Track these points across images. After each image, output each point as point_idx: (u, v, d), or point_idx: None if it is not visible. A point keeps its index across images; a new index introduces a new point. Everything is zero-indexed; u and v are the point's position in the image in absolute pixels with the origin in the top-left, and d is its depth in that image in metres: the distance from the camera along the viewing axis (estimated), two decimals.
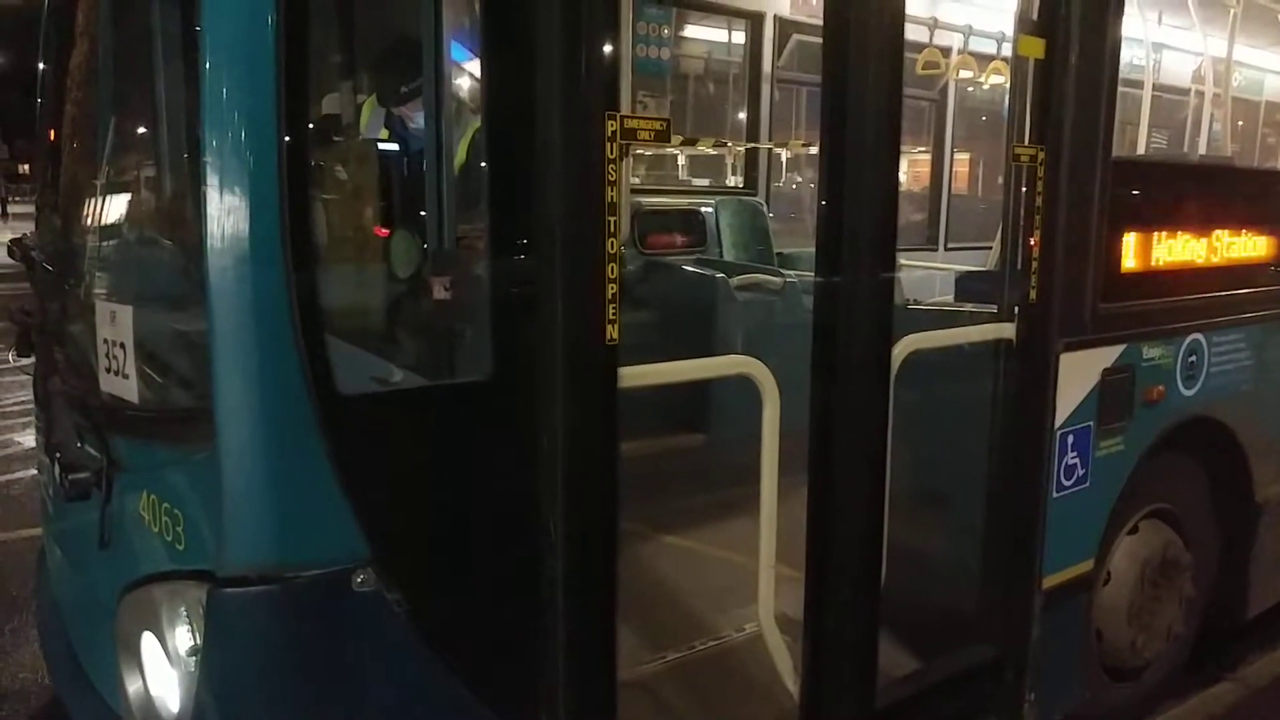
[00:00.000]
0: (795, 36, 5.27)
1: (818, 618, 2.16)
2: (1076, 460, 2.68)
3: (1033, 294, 2.48)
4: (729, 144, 5.51)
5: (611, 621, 1.79)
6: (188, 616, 1.65)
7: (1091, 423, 2.70)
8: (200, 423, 1.53)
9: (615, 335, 1.68)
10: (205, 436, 1.52)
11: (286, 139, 1.45)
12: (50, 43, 2.63)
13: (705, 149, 5.54)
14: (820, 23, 2.07)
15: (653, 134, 1.74)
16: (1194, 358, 2.95)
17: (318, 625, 1.61)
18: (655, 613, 2.93)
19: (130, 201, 2.21)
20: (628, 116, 1.67)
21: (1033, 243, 2.47)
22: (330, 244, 1.82)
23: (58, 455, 2.09)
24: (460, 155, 1.93)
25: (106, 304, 1.91)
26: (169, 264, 1.92)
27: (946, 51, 5.57)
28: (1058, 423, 2.60)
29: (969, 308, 2.87)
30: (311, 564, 1.57)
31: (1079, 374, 2.63)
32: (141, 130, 2.27)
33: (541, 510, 1.70)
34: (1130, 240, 2.75)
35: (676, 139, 4.91)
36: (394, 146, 2.43)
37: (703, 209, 5.08)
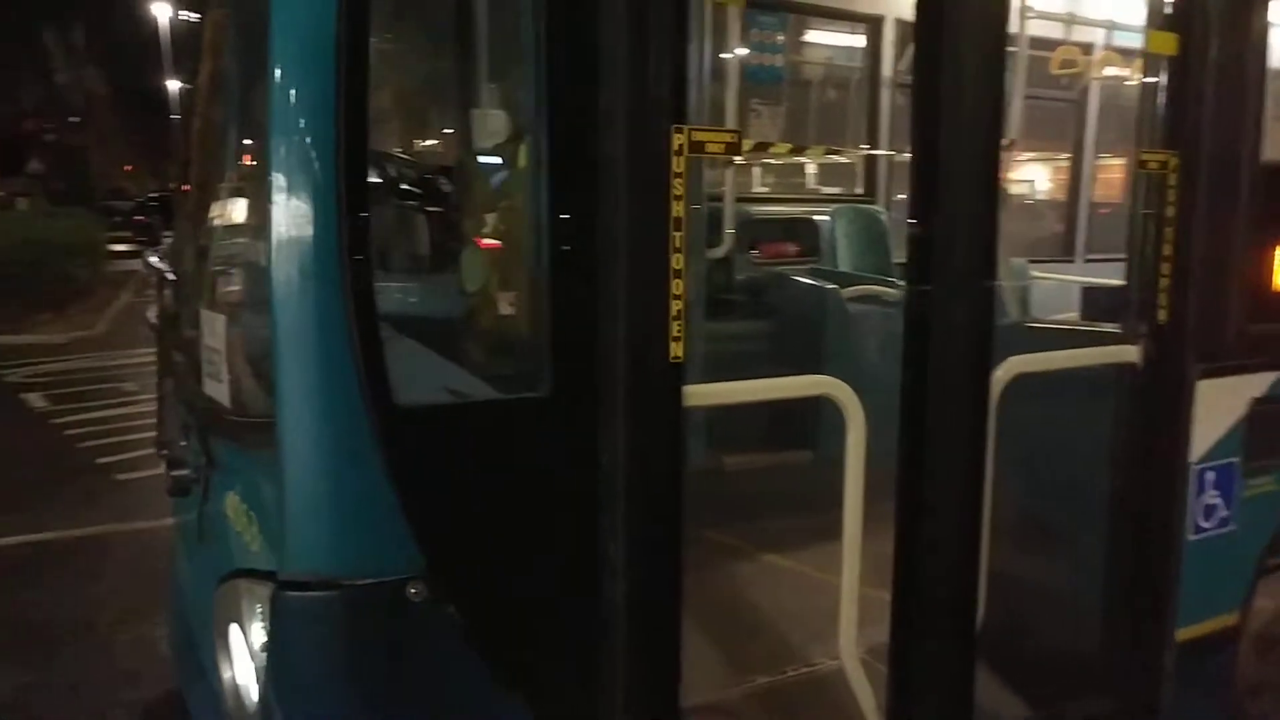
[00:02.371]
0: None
1: (902, 655, 2.03)
2: (1218, 500, 2.42)
3: (1163, 314, 2.27)
4: (833, 151, 5.34)
5: (674, 646, 1.73)
6: (261, 613, 1.70)
7: (1236, 459, 2.43)
8: (268, 430, 1.57)
9: (680, 353, 1.63)
10: (272, 444, 1.56)
11: (346, 154, 1.47)
12: (182, 65, 2.80)
13: (813, 157, 5.39)
14: None
15: (724, 146, 1.68)
16: None
17: (371, 632, 1.63)
18: (748, 635, 2.85)
19: (225, 214, 2.32)
20: (696, 129, 1.62)
21: (1163, 257, 2.26)
22: (392, 258, 1.85)
23: (164, 452, 2.21)
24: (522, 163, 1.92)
25: (208, 311, 2.00)
26: (251, 274, 1.99)
27: (1087, 49, 5.23)
28: (1194, 457, 2.36)
29: (1099, 326, 2.65)
30: (366, 573, 1.60)
31: (1221, 404, 2.38)
32: (231, 146, 2.39)
33: (601, 530, 1.67)
34: None
35: (785, 147, 4.78)
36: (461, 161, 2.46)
37: (816, 218, 4.95)
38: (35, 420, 8.40)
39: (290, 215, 1.49)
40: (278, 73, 1.48)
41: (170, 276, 2.70)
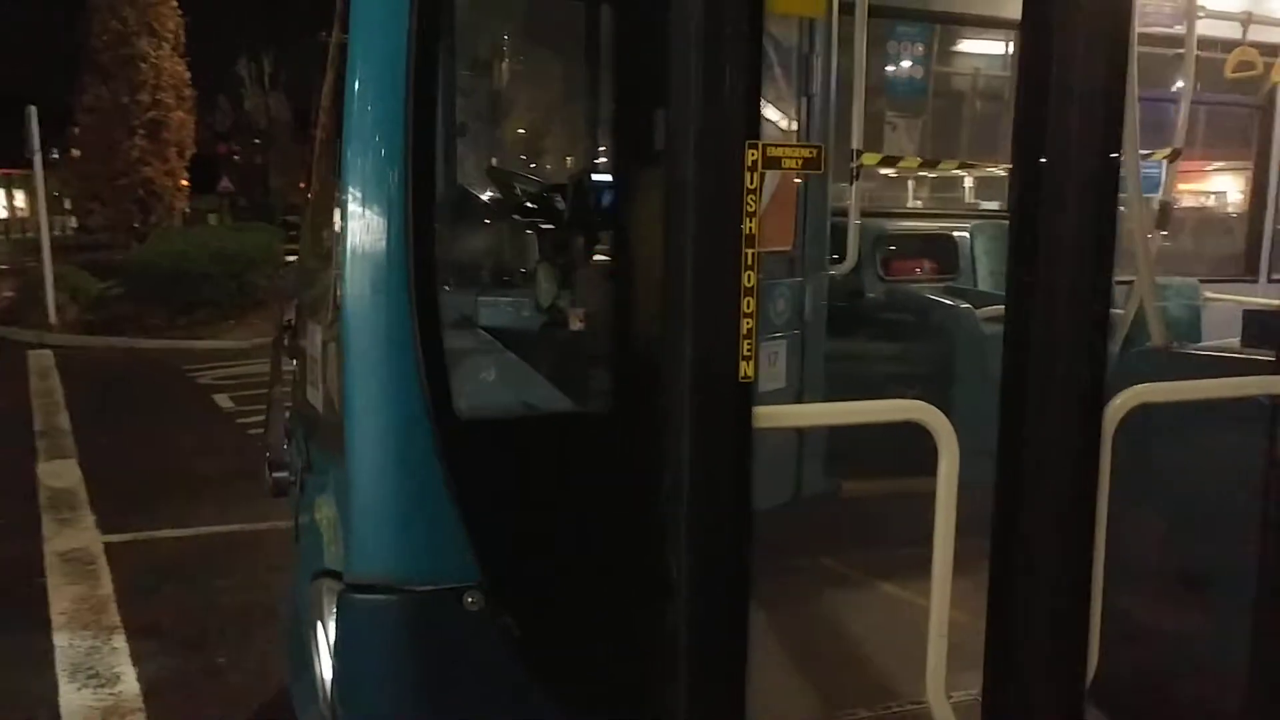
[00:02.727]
0: None
1: (993, 705, 1.87)
2: None
3: None
4: (967, 165, 5.08)
5: (738, 674, 1.66)
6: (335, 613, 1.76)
7: None
8: (340, 438, 1.63)
9: (750, 373, 1.57)
10: (342, 451, 1.62)
11: (414, 170, 1.51)
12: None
13: (943, 171, 5.15)
14: None
15: (799, 162, 1.62)
16: None
17: (429, 637, 1.66)
18: (844, 666, 2.72)
19: (322, 228, 2.44)
20: (771, 145, 1.57)
21: None
22: (462, 272, 1.87)
23: (268, 454, 2.34)
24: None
25: (310, 320, 2.10)
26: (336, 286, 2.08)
27: (1274, 50, 4.77)
28: None
29: (1258, 354, 2.38)
30: (424, 579, 1.63)
31: None
32: (329, 163, 2.51)
33: (665, 552, 1.62)
34: None
35: (914, 162, 4.59)
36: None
37: (956, 234, 4.73)
38: (223, 419, 9.07)
39: (359, 228, 1.54)
40: (351, 90, 1.54)
41: (288, 287, 2.86)
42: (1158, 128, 3.98)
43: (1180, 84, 3.85)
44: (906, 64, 4.80)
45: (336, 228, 1.59)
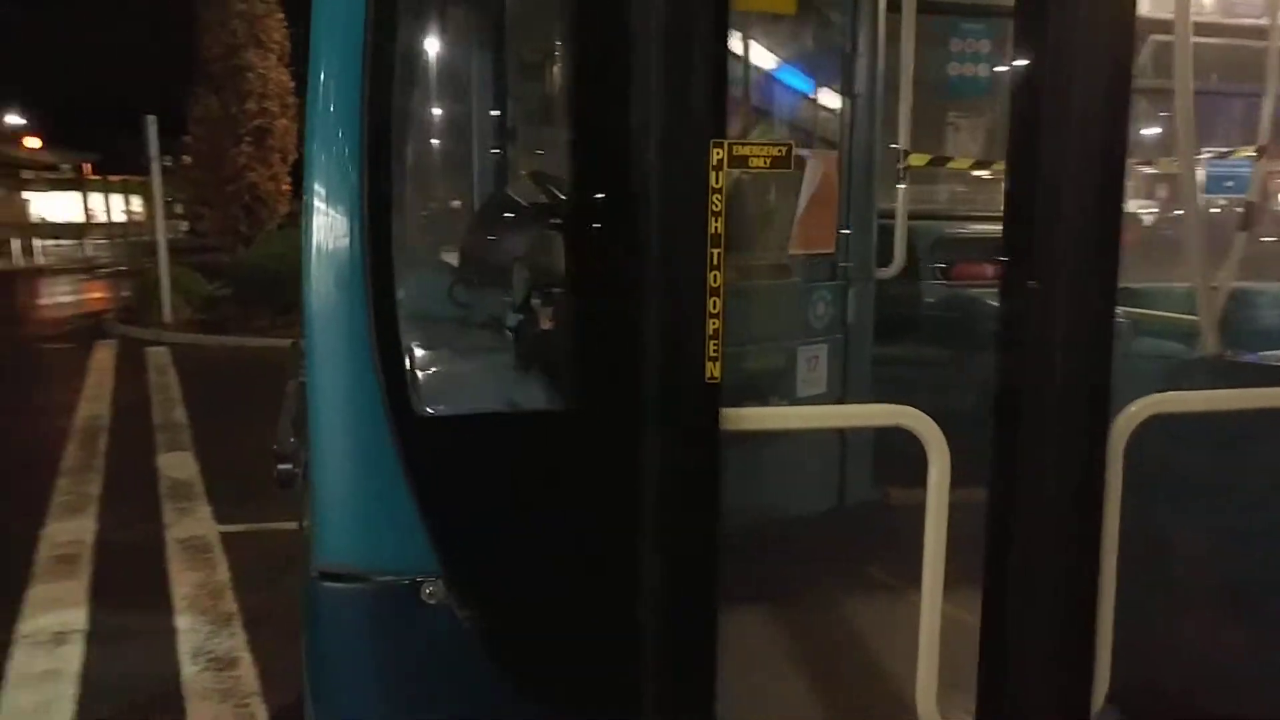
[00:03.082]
0: (1153, 38, 4.55)
1: None
2: None
3: None
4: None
5: (707, 675, 1.67)
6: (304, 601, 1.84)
7: None
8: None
9: (717, 374, 1.58)
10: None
11: (370, 168, 1.57)
12: None
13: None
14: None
15: (768, 161, 1.62)
16: None
17: (390, 627, 1.70)
18: (856, 677, 2.70)
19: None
20: (737, 143, 1.58)
21: None
22: (422, 270, 1.91)
23: (275, 446, 2.40)
24: None
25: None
26: None
27: None
28: None
29: None
30: (385, 569, 1.67)
31: None
32: None
33: (631, 553, 1.65)
34: None
35: (966, 162, 4.48)
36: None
37: None
38: None
39: (319, 225, 1.60)
40: (311, 87, 1.60)
41: None
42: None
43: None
44: (970, 62, 4.68)
45: (303, 224, 1.64)
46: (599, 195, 1.61)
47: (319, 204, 1.58)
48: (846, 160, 3.57)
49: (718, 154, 1.55)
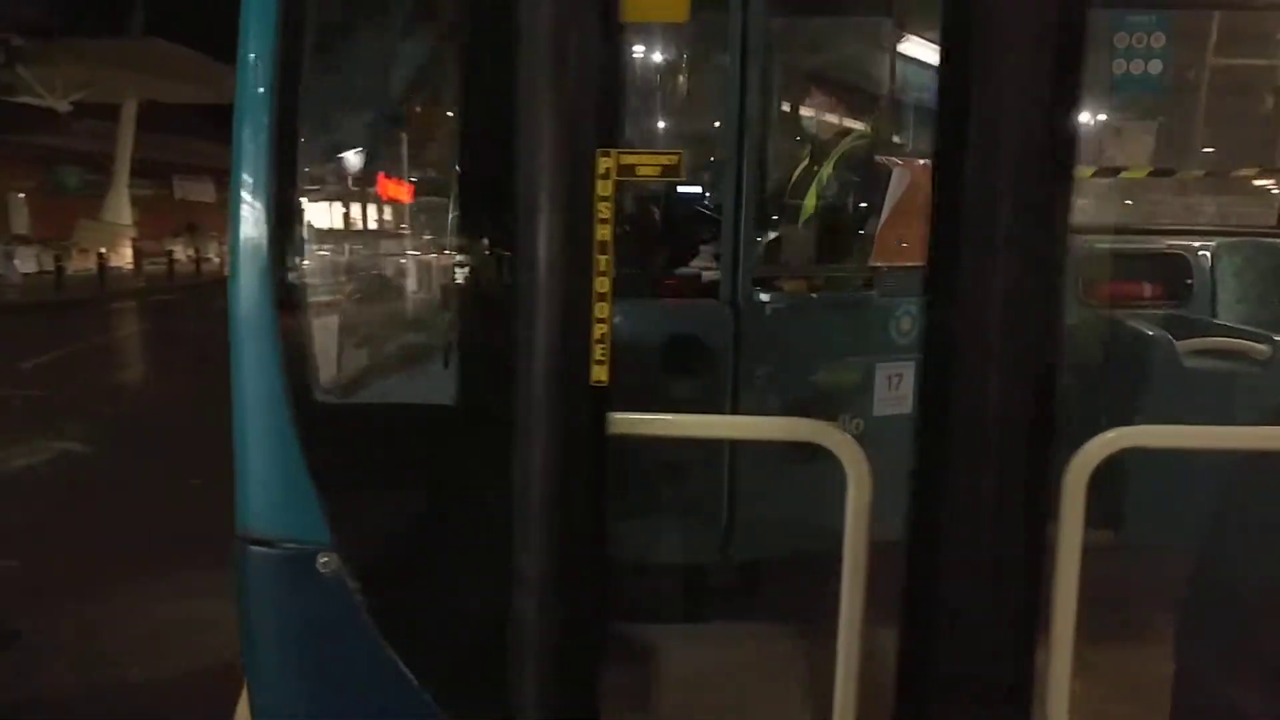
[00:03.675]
0: None
1: None
2: None
3: None
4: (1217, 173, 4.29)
5: (589, 670, 1.61)
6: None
7: None
8: None
9: (603, 377, 1.54)
10: None
11: (278, 166, 1.71)
12: None
13: (1187, 178, 4.41)
14: None
15: (659, 169, 1.57)
16: None
17: (292, 590, 1.85)
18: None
19: None
20: (626, 152, 1.53)
21: None
22: (325, 266, 2.00)
23: None
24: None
25: None
26: None
27: None
28: None
29: None
30: (289, 539, 1.81)
31: None
32: None
33: (515, 544, 1.63)
34: None
35: (1087, 171, 4.01)
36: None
37: (1193, 252, 4.07)
38: None
39: (237, 218, 1.76)
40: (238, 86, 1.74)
41: None
42: None
43: None
44: (1139, 59, 4.22)
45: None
46: (491, 201, 1.63)
47: (237, 197, 1.73)
48: None
49: (605, 163, 1.53)
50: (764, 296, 3.07)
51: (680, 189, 3.85)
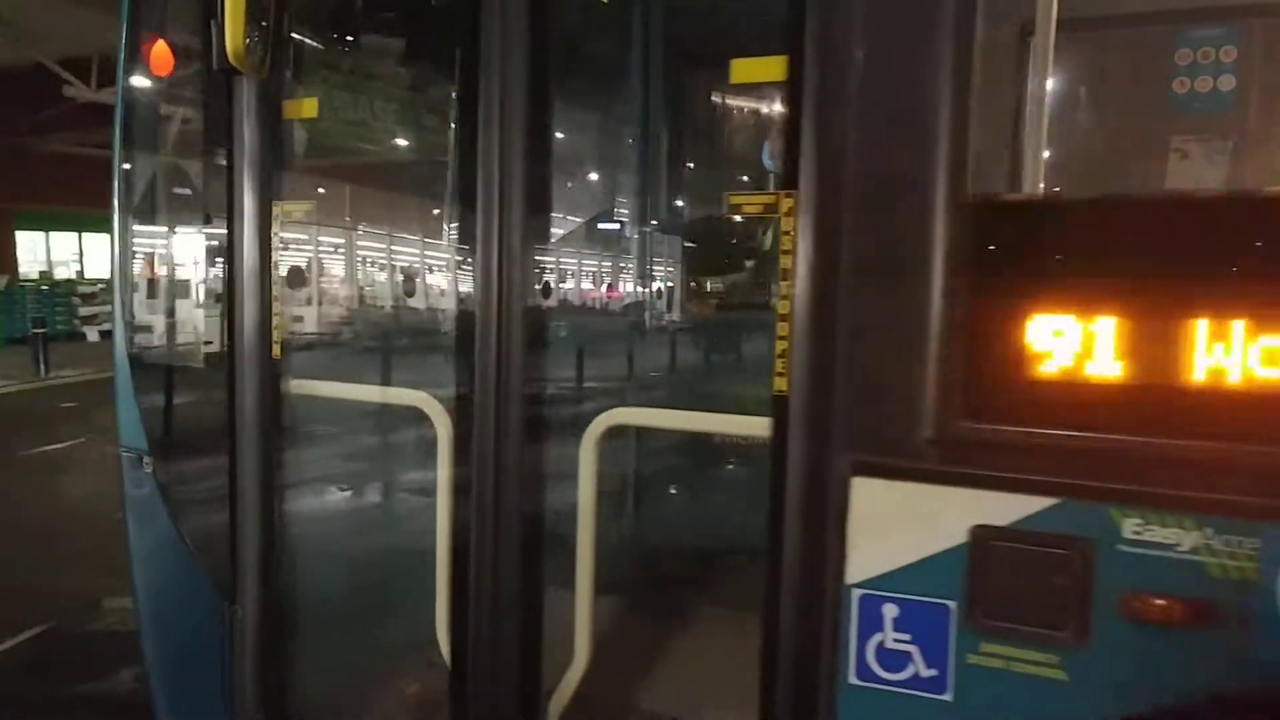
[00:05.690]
0: None
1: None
2: (911, 648, 1.64)
3: (780, 381, 1.72)
4: None
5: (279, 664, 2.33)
6: None
7: (951, 601, 1.59)
8: None
9: (278, 353, 2.30)
10: None
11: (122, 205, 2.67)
12: None
13: None
14: None
15: (304, 215, 2.28)
16: None
17: (133, 477, 2.72)
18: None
19: None
20: (289, 204, 2.29)
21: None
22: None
23: None
24: None
25: None
26: None
27: None
28: (855, 579, 1.67)
29: None
30: (133, 448, 2.71)
31: (900, 515, 1.65)
32: None
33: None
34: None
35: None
36: None
37: None
38: None
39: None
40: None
41: None
42: None
43: None
44: (1203, 75, 3.88)
45: None
46: (212, 237, 2.46)
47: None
48: None
49: (277, 210, 2.30)
50: None
51: None
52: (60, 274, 22.30)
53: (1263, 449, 1.41)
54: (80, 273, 22.72)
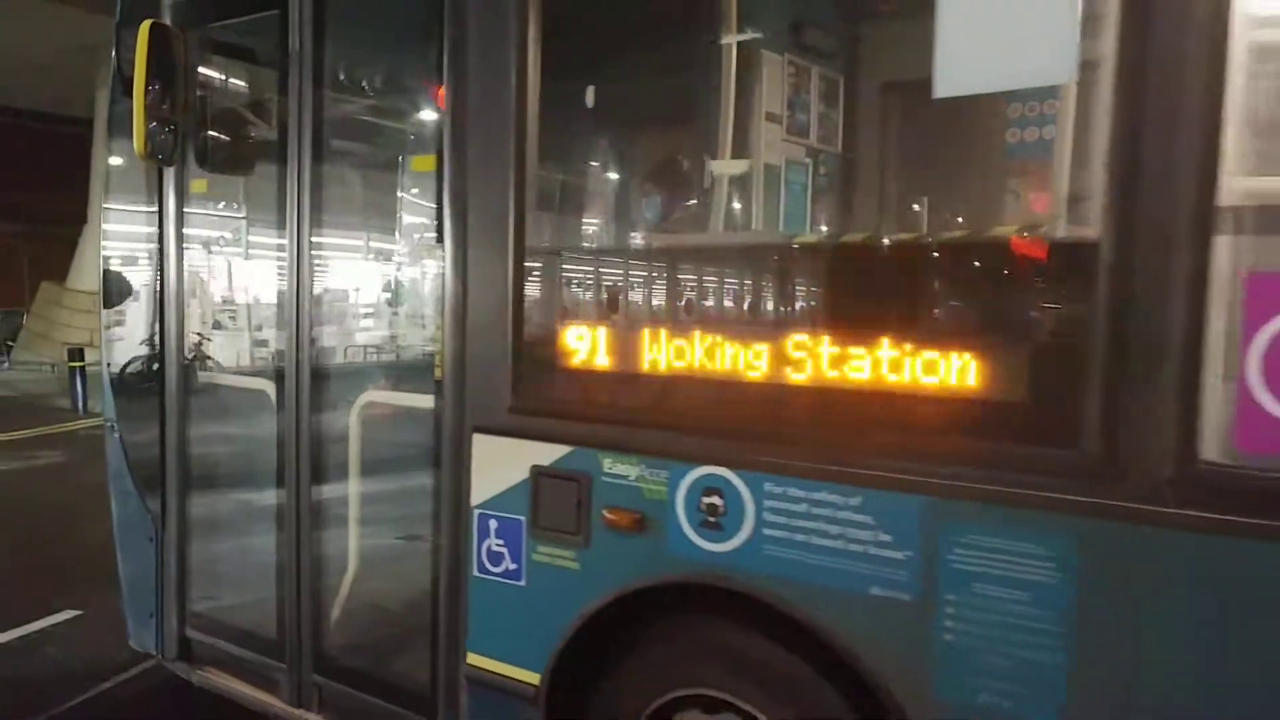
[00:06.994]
0: None
1: None
2: (504, 549, 2.42)
3: (438, 371, 2.53)
4: None
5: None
6: None
7: (522, 517, 2.37)
8: None
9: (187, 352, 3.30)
10: None
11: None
12: None
13: None
14: None
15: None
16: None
17: (109, 442, 3.66)
18: None
19: None
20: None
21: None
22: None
23: None
24: None
25: None
26: None
27: None
28: (476, 501, 2.47)
29: None
30: (109, 419, 3.66)
31: (500, 460, 2.48)
32: None
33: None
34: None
35: None
36: None
37: None
38: None
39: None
40: None
41: None
42: None
43: None
44: (1034, 126, 4.37)
45: None
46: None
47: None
48: None
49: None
50: None
51: None
52: None
53: (675, 414, 2.18)
54: None
